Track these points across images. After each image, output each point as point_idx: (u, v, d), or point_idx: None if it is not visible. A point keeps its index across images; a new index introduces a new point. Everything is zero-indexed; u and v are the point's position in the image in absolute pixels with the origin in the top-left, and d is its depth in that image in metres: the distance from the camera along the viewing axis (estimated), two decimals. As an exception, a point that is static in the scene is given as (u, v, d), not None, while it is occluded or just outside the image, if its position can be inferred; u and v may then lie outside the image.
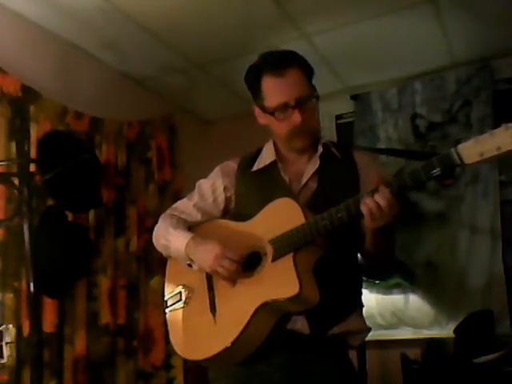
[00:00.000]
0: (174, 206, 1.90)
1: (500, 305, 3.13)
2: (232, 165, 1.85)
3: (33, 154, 2.59)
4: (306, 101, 1.66)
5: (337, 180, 1.71)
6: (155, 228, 1.85)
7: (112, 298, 2.99)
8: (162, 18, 2.91)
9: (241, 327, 1.56)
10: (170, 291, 1.80)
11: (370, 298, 3.40)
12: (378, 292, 3.42)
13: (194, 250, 1.69)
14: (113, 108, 3.26)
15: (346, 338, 1.67)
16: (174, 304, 1.77)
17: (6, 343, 2.29)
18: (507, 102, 3.36)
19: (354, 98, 3.73)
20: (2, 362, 2.29)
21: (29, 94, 2.69)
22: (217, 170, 1.87)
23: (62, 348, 2.70)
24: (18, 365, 2.45)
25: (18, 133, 2.60)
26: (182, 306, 1.75)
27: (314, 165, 1.73)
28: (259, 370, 1.62)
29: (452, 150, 1.38)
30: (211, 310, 1.67)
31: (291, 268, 1.53)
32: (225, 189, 1.81)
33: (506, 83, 3.39)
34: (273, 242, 1.60)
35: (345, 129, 3.79)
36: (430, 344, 3.04)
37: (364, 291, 3.30)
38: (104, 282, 2.96)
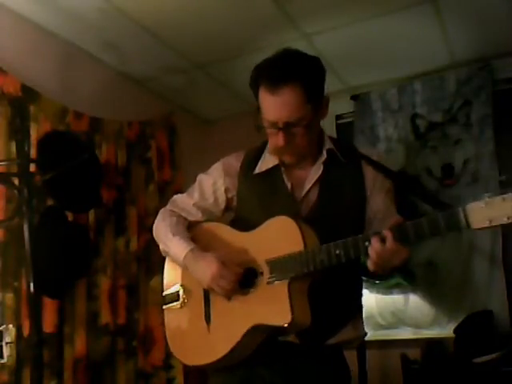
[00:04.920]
0: (173, 199, 1.86)
1: (500, 305, 3.13)
2: (235, 164, 1.79)
3: (33, 154, 2.58)
4: (296, 125, 1.58)
5: (340, 189, 1.67)
6: (155, 223, 1.82)
7: (112, 297, 2.99)
8: (162, 18, 2.91)
9: (231, 345, 1.58)
10: (168, 288, 1.81)
11: (370, 298, 3.40)
12: (378, 292, 3.42)
13: (192, 264, 1.68)
14: (113, 108, 3.26)
15: (340, 346, 1.68)
16: (170, 302, 1.78)
17: (6, 343, 2.29)
18: (507, 101, 3.37)
19: (354, 98, 3.73)
20: (2, 361, 2.29)
21: (29, 93, 2.69)
22: (219, 166, 1.81)
23: (62, 348, 2.70)
24: (18, 365, 2.45)
25: (18, 133, 2.60)
26: (179, 306, 1.75)
27: (317, 171, 1.68)
28: (257, 373, 1.63)
29: (460, 209, 1.30)
30: (206, 319, 1.68)
31: (285, 297, 1.51)
32: (226, 190, 1.78)
33: (506, 83, 3.39)
34: (269, 262, 1.57)
35: (345, 129, 3.78)
36: (430, 344, 3.04)
37: (364, 291, 3.30)
38: (104, 282, 2.95)
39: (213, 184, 1.80)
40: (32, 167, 2.49)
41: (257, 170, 1.74)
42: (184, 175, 3.53)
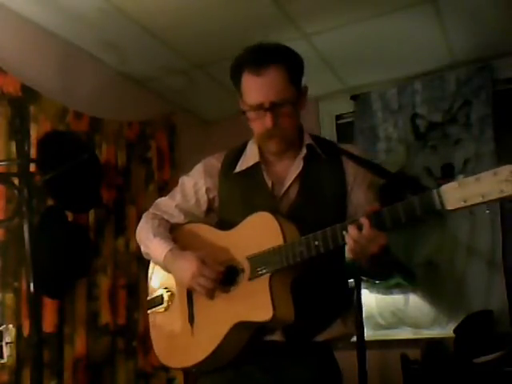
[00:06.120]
0: (156, 202, 1.87)
1: (500, 305, 3.13)
2: (216, 164, 1.80)
3: (33, 154, 2.58)
4: (282, 106, 1.59)
5: (320, 185, 1.67)
6: (138, 228, 1.82)
7: (112, 297, 2.99)
8: (162, 18, 2.91)
9: (215, 344, 1.57)
10: (153, 292, 1.80)
11: (370, 298, 3.40)
12: (378, 292, 3.42)
13: (171, 264, 1.68)
14: (113, 108, 3.26)
15: (329, 344, 1.67)
16: (155, 306, 1.78)
17: (6, 343, 2.30)
18: (507, 101, 3.37)
19: (354, 98, 3.72)
20: (2, 361, 2.30)
21: (29, 93, 2.69)
22: (200, 167, 1.82)
23: (62, 348, 2.70)
24: (18, 365, 2.44)
25: (18, 133, 2.60)
26: (163, 309, 1.75)
27: (297, 168, 1.68)
28: (245, 373, 1.62)
29: (434, 191, 1.29)
30: (189, 320, 1.67)
31: (266, 292, 1.51)
32: (207, 190, 1.78)
33: (506, 83, 3.39)
34: (250, 259, 1.57)
35: (345, 129, 3.79)
36: (430, 344, 3.04)
37: (364, 291, 3.31)
38: (104, 282, 2.95)
39: (194, 185, 1.80)
40: (32, 167, 2.49)
41: (237, 169, 1.74)
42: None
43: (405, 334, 3.36)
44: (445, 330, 3.21)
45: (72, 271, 2.64)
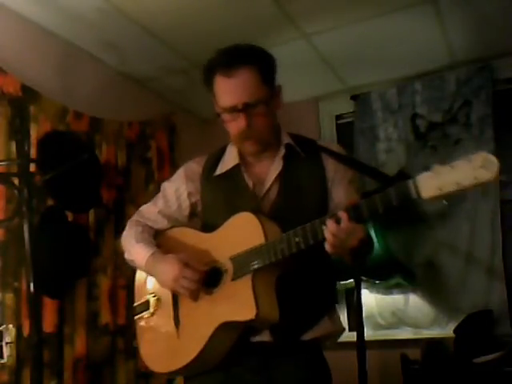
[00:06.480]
0: (139, 209, 1.88)
1: (500, 305, 3.13)
2: (197, 168, 1.81)
3: (33, 154, 2.58)
4: (255, 106, 1.59)
5: (301, 183, 1.67)
6: (122, 236, 1.83)
7: (112, 297, 2.99)
8: (162, 18, 2.91)
9: (200, 346, 1.57)
10: (139, 298, 1.80)
11: (370, 298, 3.40)
12: (378, 292, 3.42)
13: (153, 268, 1.68)
14: (113, 108, 3.26)
15: (317, 342, 1.66)
16: (141, 312, 1.77)
17: (6, 343, 2.30)
18: (507, 101, 3.37)
19: (354, 98, 3.72)
20: (2, 361, 2.30)
21: (29, 93, 2.69)
22: (181, 172, 1.83)
23: (62, 348, 2.70)
24: (18, 365, 2.44)
25: (18, 133, 2.60)
26: (149, 315, 1.75)
27: (276, 167, 1.68)
28: (234, 375, 1.62)
29: (410, 181, 1.29)
30: (175, 324, 1.67)
31: (249, 291, 1.51)
32: (189, 195, 1.79)
33: (506, 83, 3.40)
34: (233, 259, 1.57)
35: (345, 129, 3.79)
36: (430, 344, 3.04)
37: (364, 291, 3.31)
38: (104, 282, 2.95)
39: (175, 190, 1.81)
40: (32, 167, 2.49)
41: (218, 172, 1.75)
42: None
43: (405, 334, 3.37)
44: (445, 330, 3.21)
45: (72, 271, 2.64)
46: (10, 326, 2.38)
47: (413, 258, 3.39)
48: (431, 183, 1.25)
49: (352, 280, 3.07)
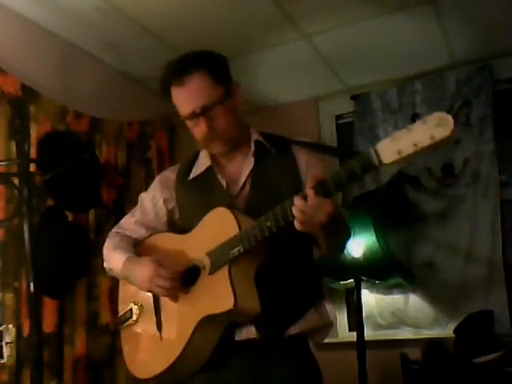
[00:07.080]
0: (119, 222, 1.90)
1: (500, 305, 3.13)
2: (171, 176, 1.83)
3: (33, 154, 2.58)
4: (213, 107, 1.62)
5: (274, 178, 1.68)
6: (103, 247, 1.84)
7: (112, 298, 2.98)
8: (162, 18, 2.91)
9: (183, 344, 1.56)
10: (123, 307, 1.81)
11: (370, 298, 3.40)
12: (378, 292, 3.42)
13: (129, 272, 1.69)
14: (113, 108, 3.26)
15: (305, 337, 1.65)
16: (125, 321, 1.78)
17: (6, 343, 2.30)
18: (507, 101, 3.37)
19: (354, 98, 3.72)
20: (2, 361, 2.30)
21: (29, 93, 2.69)
22: (156, 182, 1.86)
23: (62, 348, 2.70)
24: (18, 365, 2.44)
25: (18, 133, 2.60)
26: (133, 322, 1.75)
27: (248, 165, 1.70)
28: (220, 377, 1.61)
29: (371, 149, 1.30)
30: (158, 327, 1.67)
31: (226, 281, 1.51)
32: (165, 202, 1.80)
33: (506, 83, 3.39)
34: (209, 254, 1.58)
35: (345, 129, 3.79)
36: (430, 344, 3.04)
37: (364, 291, 3.31)
38: (104, 282, 2.95)
39: (152, 199, 1.83)
40: (32, 167, 2.50)
41: (191, 176, 1.77)
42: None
43: (405, 334, 3.36)
44: (445, 330, 3.21)
45: (72, 271, 2.64)
46: (10, 326, 2.38)
47: (413, 258, 3.39)
48: (390, 148, 1.27)
49: (352, 280, 3.07)
